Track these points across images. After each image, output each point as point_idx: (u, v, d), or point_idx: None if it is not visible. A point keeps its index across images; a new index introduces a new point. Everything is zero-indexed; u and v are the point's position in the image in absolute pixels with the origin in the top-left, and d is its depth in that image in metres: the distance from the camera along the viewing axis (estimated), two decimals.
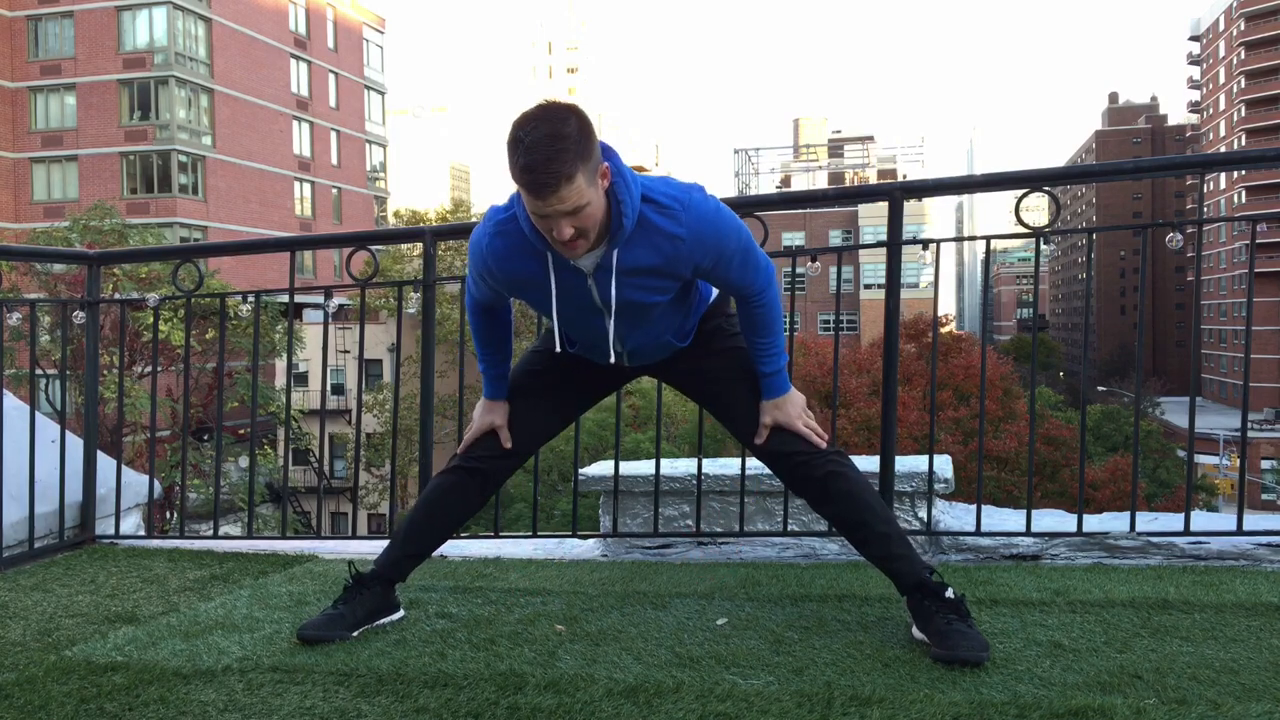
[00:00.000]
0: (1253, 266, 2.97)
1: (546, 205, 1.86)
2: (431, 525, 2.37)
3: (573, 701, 1.83)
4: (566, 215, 1.87)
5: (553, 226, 1.89)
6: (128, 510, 3.76)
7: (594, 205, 1.91)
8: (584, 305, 2.10)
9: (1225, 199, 71.52)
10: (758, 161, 60.77)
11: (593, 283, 2.05)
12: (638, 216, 1.99)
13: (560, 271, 2.05)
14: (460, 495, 2.35)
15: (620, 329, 2.14)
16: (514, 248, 2.06)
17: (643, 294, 2.07)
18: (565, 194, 1.84)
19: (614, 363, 2.23)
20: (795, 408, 2.24)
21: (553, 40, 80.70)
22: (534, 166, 1.83)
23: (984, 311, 3.53)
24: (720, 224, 2.05)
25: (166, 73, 33.92)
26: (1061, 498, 17.90)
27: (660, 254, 2.02)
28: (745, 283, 2.15)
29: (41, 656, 2.19)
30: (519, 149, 1.84)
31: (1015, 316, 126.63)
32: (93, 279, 3.76)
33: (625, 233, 1.98)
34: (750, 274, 2.14)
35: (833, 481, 2.20)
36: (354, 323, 27.64)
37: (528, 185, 1.85)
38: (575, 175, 1.84)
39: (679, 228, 2.00)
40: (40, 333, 12.20)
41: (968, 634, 2.01)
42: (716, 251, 2.06)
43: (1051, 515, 3.19)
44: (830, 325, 41.46)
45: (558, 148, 1.83)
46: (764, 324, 2.20)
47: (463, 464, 2.34)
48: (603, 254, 2.01)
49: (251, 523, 3.65)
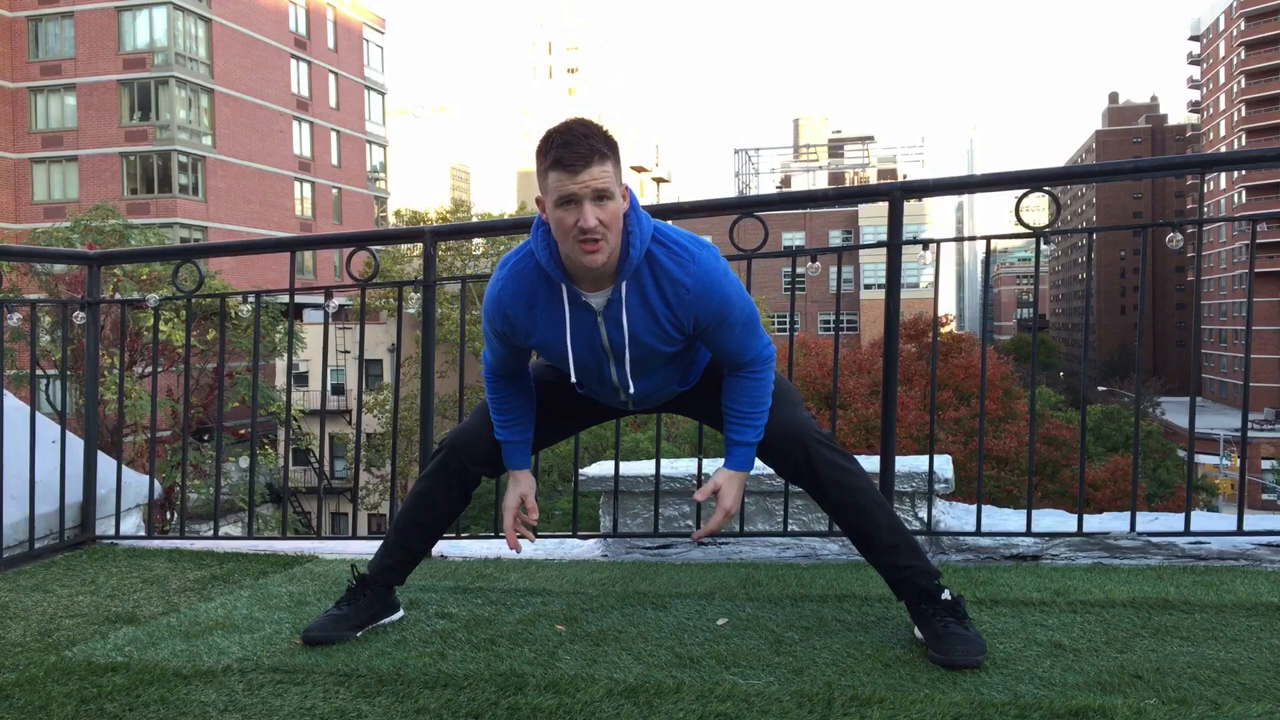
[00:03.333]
0: (1253, 266, 2.97)
1: (577, 180, 1.88)
2: (419, 530, 2.37)
3: (573, 702, 1.83)
4: (594, 200, 1.90)
5: (579, 216, 1.90)
6: (128, 510, 3.76)
7: (617, 205, 1.93)
8: (594, 347, 2.09)
9: (1225, 199, 71.51)
10: (758, 161, 60.78)
11: (602, 320, 2.05)
12: (646, 252, 2.00)
13: (574, 308, 2.05)
14: (444, 498, 2.34)
15: (626, 375, 2.12)
16: (530, 286, 2.07)
17: (650, 338, 2.06)
18: (597, 172, 1.89)
19: (622, 403, 2.25)
20: (738, 489, 2.18)
21: (553, 40, 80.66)
22: (572, 141, 1.89)
23: (984, 311, 3.52)
24: (726, 286, 2.04)
25: (166, 73, 33.92)
26: (1062, 498, 17.91)
27: (665, 299, 2.02)
28: (744, 351, 2.12)
29: (42, 657, 2.19)
30: (555, 135, 1.92)
31: (1015, 316, 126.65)
32: (93, 279, 3.76)
33: (632, 264, 1.99)
34: (751, 344, 2.12)
35: (840, 491, 2.17)
36: (354, 323, 27.66)
37: (564, 160, 1.89)
38: (608, 159, 1.91)
39: (686, 277, 2.01)
40: (41, 333, 12.20)
41: (964, 636, 2.01)
42: (720, 312, 2.04)
43: (1052, 515, 3.19)
44: (830, 325, 41.44)
45: (594, 130, 1.93)
46: (750, 395, 2.15)
47: (441, 469, 2.33)
48: (611, 290, 2.02)
49: (252, 523, 3.65)
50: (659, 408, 2.38)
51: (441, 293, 21.95)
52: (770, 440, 2.19)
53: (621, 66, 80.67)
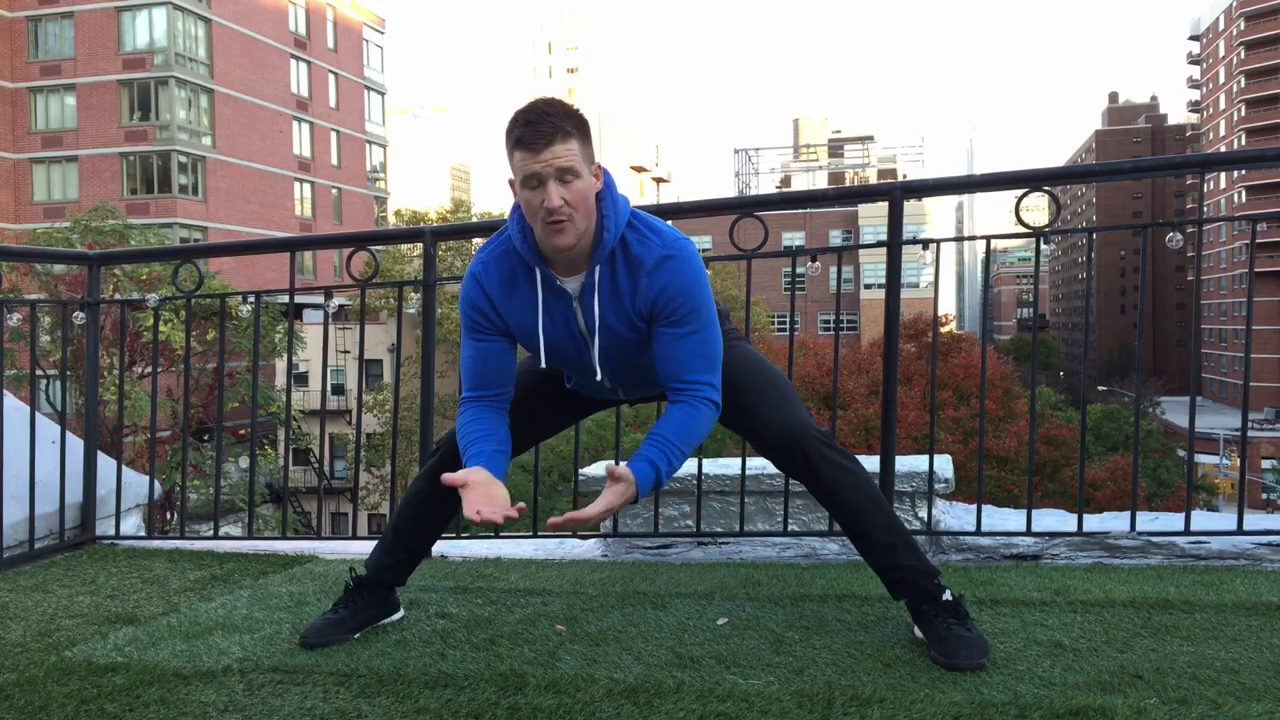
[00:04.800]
0: (1253, 266, 2.97)
1: (539, 159, 1.87)
2: (418, 529, 2.37)
3: (573, 702, 1.83)
4: (558, 179, 1.88)
5: (544, 196, 1.89)
6: (128, 511, 3.76)
7: (584, 185, 1.92)
8: (571, 332, 2.09)
9: (1225, 199, 71.52)
10: (758, 161, 60.79)
11: (577, 305, 2.05)
12: (620, 237, 2.00)
13: (548, 293, 2.05)
14: (441, 497, 2.32)
15: (603, 358, 2.10)
16: (508, 270, 2.07)
17: (619, 323, 2.05)
18: (560, 150, 1.87)
19: (611, 391, 2.24)
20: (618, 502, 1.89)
21: (553, 40, 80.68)
22: (534, 120, 1.88)
23: (984, 311, 3.52)
24: (689, 277, 1.98)
25: (166, 73, 33.92)
26: (1062, 497, 17.90)
27: (632, 281, 2.01)
28: (689, 369, 2.00)
29: (42, 657, 2.19)
30: (519, 115, 1.91)
31: (1015, 316, 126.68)
32: (93, 279, 3.76)
33: (606, 248, 1.98)
34: (700, 367, 2.01)
35: (840, 489, 2.16)
36: (354, 323, 27.66)
37: (525, 139, 1.88)
38: (571, 137, 1.89)
39: (647, 256, 1.99)
40: (40, 333, 12.20)
41: (966, 638, 2.00)
42: (672, 302, 1.97)
43: (1052, 515, 3.19)
44: (830, 325, 41.44)
45: (558, 108, 1.91)
46: (678, 426, 1.98)
47: (439, 468, 2.30)
48: (585, 275, 2.02)
49: (252, 523, 3.65)
50: (655, 398, 2.36)
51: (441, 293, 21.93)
52: (770, 439, 2.17)
53: (621, 66, 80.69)
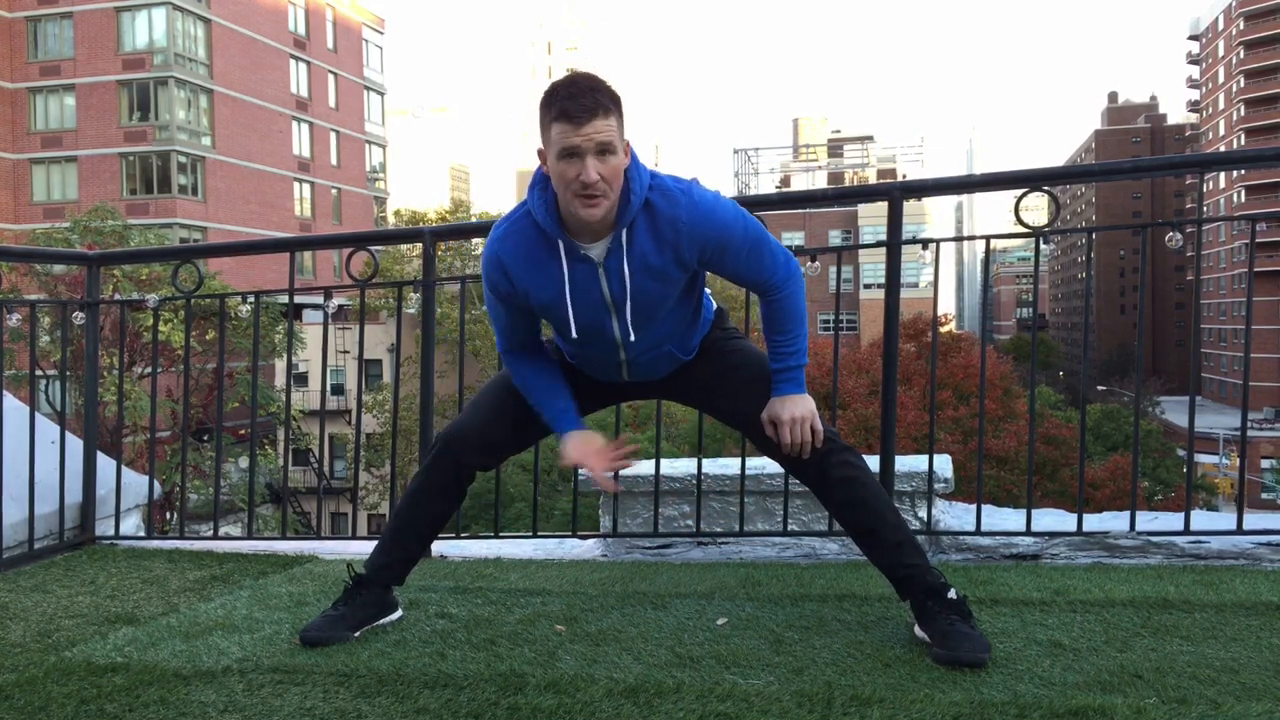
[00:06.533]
0: (1252, 266, 2.97)
1: (580, 133, 1.89)
2: (416, 527, 2.37)
3: (573, 702, 1.83)
4: (597, 153, 1.91)
5: (580, 170, 1.90)
6: (128, 511, 3.76)
7: (619, 161, 1.95)
8: (595, 302, 2.09)
9: (1225, 198, 71.52)
10: (757, 161, 60.77)
11: (603, 272, 2.05)
12: (644, 200, 2.02)
13: (573, 261, 2.05)
14: (440, 494, 2.33)
15: (635, 320, 2.11)
16: (526, 243, 2.08)
17: (651, 283, 2.06)
18: (601, 125, 1.90)
19: (618, 370, 2.23)
20: (798, 409, 2.14)
21: (553, 40, 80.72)
22: (577, 94, 1.90)
23: (984, 311, 3.53)
24: (719, 211, 2.06)
25: (166, 73, 33.92)
26: (1061, 497, 17.90)
27: (664, 240, 2.03)
28: (757, 275, 2.14)
29: (41, 657, 2.19)
30: (560, 87, 1.94)
31: (1015, 316, 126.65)
32: (92, 280, 3.76)
33: (633, 210, 2.00)
34: (762, 266, 2.13)
35: (847, 487, 2.17)
36: (354, 323, 27.64)
37: (569, 112, 1.89)
38: (611, 113, 1.93)
39: (680, 211, 2.02)
40: (40, 333, 12.20)
41: (969, 635, 2.01)
42: (720, 238, 2.06)
43: (1051, 515, 3.19)
44: (830, 325, 41.42)
45: (601, 85, 1.94)
46: (780, 321, 2.17)
47: (436, 463, 2.32)
48: (611, 239, 2.03)
49: (251, 523, 3.65)
50: (658, 386, 2.35)
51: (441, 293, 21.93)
52: (776, 437, 2.18)
53: (621, 67, 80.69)
